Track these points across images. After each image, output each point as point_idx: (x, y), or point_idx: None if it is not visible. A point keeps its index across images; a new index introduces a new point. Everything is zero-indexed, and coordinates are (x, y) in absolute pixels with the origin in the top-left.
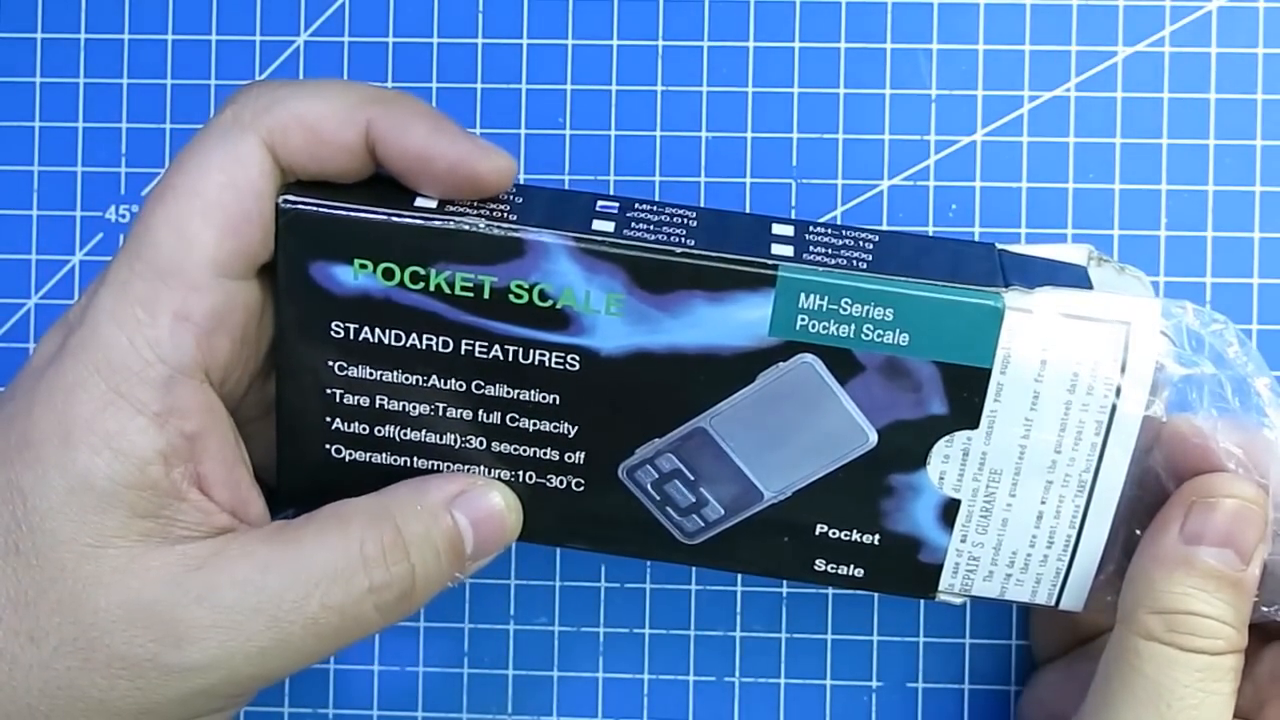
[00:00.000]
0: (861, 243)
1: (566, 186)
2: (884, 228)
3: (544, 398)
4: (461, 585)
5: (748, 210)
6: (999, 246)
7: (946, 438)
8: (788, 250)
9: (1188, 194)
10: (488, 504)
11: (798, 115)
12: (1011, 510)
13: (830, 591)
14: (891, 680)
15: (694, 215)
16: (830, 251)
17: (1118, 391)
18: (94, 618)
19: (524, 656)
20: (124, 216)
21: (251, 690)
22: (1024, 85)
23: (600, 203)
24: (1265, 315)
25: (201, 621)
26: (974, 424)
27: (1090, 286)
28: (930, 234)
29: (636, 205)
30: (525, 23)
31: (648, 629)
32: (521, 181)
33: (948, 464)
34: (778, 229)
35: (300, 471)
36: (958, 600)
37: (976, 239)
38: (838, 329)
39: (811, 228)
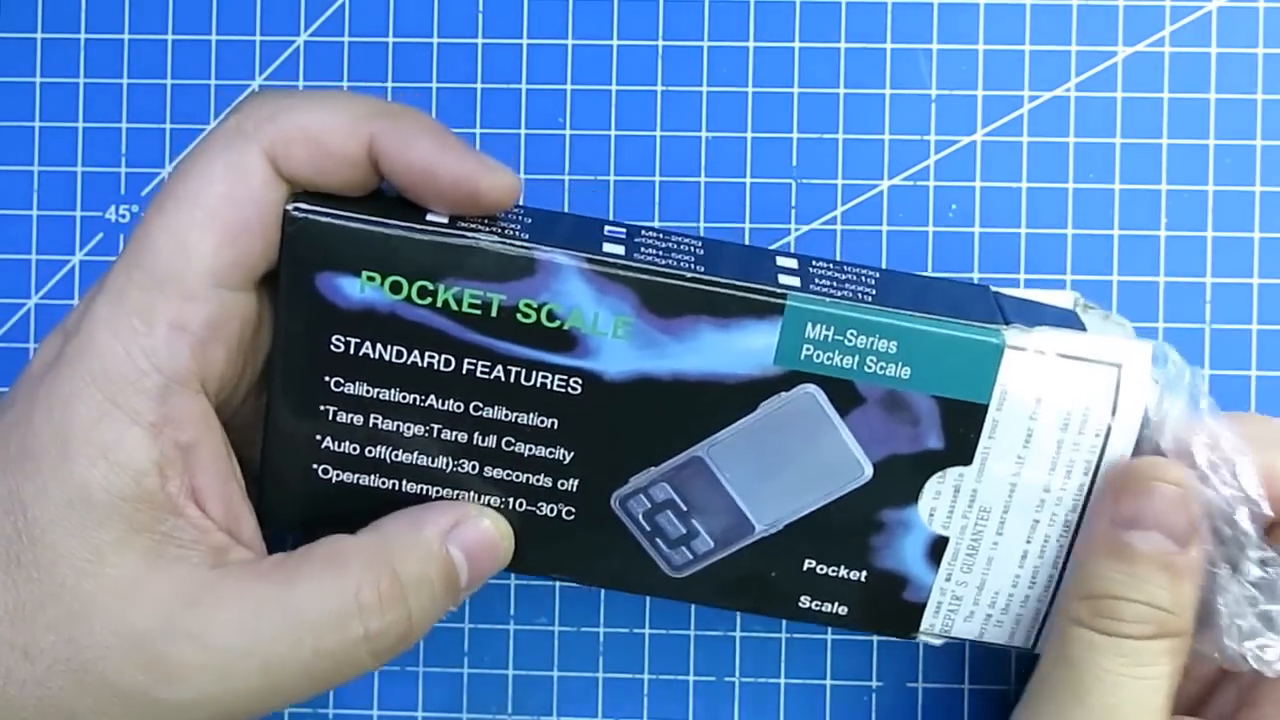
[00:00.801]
0: (864, 278)
1: (566, 187)
2: (884, 267)
3: (542, 422)
4: None
5: (746, 211)
6: (994, 289)
7: (939, 474)
8: (794, 281)
9: (1188, 194)
10: (480, 533)
11: (798, 115)
12: (997, 549)
13: None
14: (891, 680)
15: (700, 244)
16: (835, 284)
17: (1108, 432)
18: (88, 640)
19: (524, 656)
20: (124, 216)
21: None
22: (1024, 85)
23: (608, 228)
24: (1265, 315)
25: (193, 661)
26: (967, 460)
27: (1083, 328)
28: (929, 232)
29: (643, 232)
30: (525, 23)
31: (648, 629)
32: (522, 179)
33: (939, 500)
34: (782, 261)
35: (284, 490)
36: (936, 641)
37: (976, 239)
38: (841, 360)
39: (814, 262)
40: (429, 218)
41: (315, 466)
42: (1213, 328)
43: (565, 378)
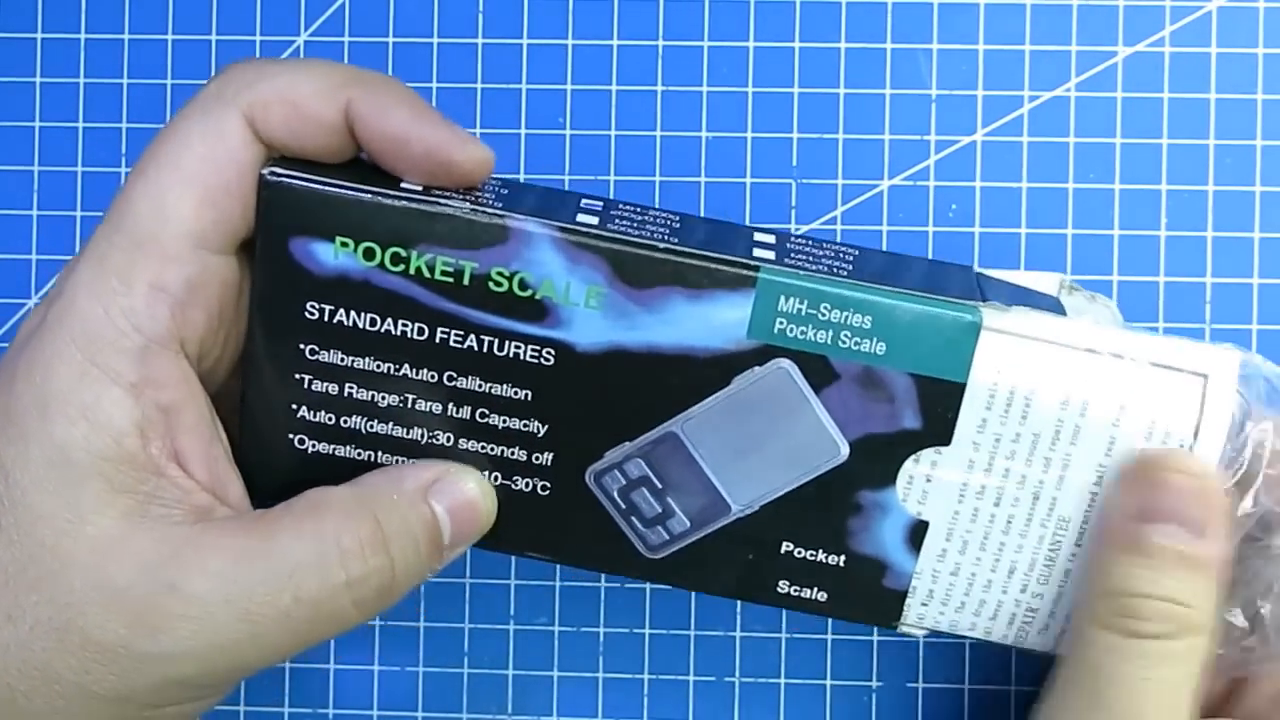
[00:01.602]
0: (842, 255)
1: (566, 186)
2: (865, 246)
3: (516, 393)
4: (461, 585)
5: (746, 211)
6: (977, 270)
7: (917, 455)
8: (769, 255)
9: (1188, 194)
10: (463, 491)
11: (798, 115)
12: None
13: None
14: (891, 680)
15: (677, 218)
16: (811, 259)
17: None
18: (69, 598)
19: (524, 656)
20: None
21: (230, 681)
22: (1024, 85)
23: (584, 200)
24: (1265, 315)
25: (173, 611)
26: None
27: (1063, 312)
28: (929, 232)
29: (620, 205)
30: (525, 23)
31: (648, 629)
32: (522, 178)
33: (917, 482)
34: (760, 236)
35: (262, 460)
36: (920, 632)
37: (976, 239)
38: (815, 334)
39: (793, 238)
40: (403, 185)
41: (292, 436)
42: (1213, 328)
43: (538, 348)
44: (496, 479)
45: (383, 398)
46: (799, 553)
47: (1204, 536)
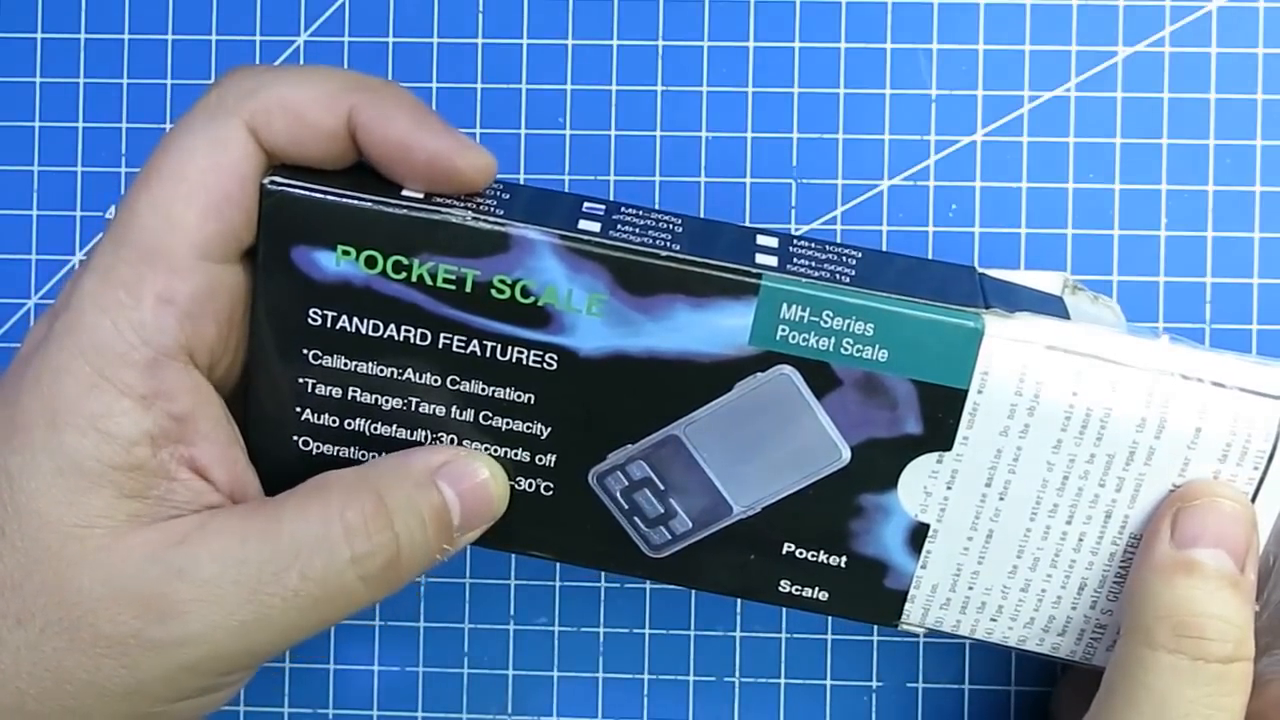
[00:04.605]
0: (845, 258)
1: (566, 187)
2: (867, 247)
3: (519, 396)
4: (461, 585)
5: (746, 211)
6: (980, 270)
7: (919, 459)
8: (771, 260)
9: (1188, 194)
10: (473, 474)
11: (798, 115)
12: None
13: None
14: (891, 680)
15: (679, 221)
16: (814, 264)
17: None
18: (78, 597)
19: (524, 656)
20: None
21: (239, 667)
22: (1024, 85)
23: (586, 204)
24: (1265, 315)
25: (182, 595)
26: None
27: (1067, 316)
28: (929, 232)
29: (622, 209)
30: (525, 23)
31: (648, 629)
32: (520, 181)
33: (918, 486)
34: (762, 240)
35: (269, 461)
36: (921, 631)
37: (976, 239)
38: (817, 341)
39: (796, 241)
40: (405, 192)
41: (297, 438)
42: (1213, 328)
43: (541, 353)
44: None
45: (386, 400)
46: (800, 553)
47: (1244, 566)
